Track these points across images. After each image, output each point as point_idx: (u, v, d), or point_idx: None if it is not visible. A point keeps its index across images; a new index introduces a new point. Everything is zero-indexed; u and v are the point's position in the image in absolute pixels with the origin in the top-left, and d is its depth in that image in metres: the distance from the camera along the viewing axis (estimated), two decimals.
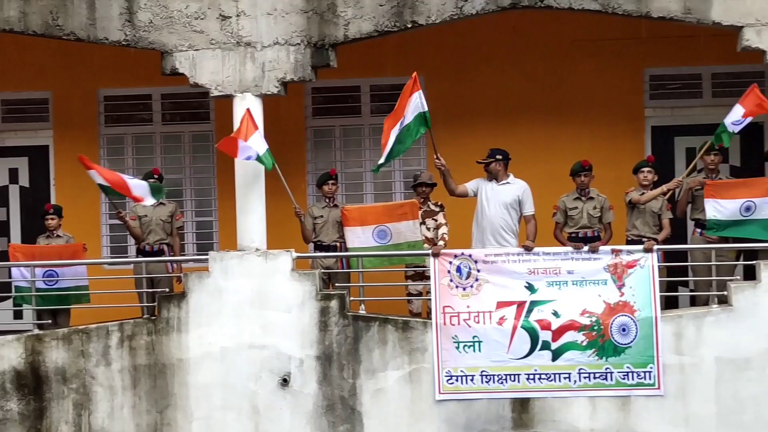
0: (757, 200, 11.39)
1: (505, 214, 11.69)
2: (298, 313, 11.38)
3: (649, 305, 11.04)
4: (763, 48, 11.07)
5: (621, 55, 13.18)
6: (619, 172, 12.16)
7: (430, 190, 12.29)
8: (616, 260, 11.17)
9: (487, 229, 11.65)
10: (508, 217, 11.71)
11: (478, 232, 11.74)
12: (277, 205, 12.62)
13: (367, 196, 13.90)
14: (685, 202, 11.97)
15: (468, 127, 13.10)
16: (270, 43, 11.53)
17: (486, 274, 11.26)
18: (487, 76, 13.47)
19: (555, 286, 11.19)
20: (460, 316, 11.20)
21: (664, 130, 13.55)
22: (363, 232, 11.89)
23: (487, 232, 11.65)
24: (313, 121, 13.98)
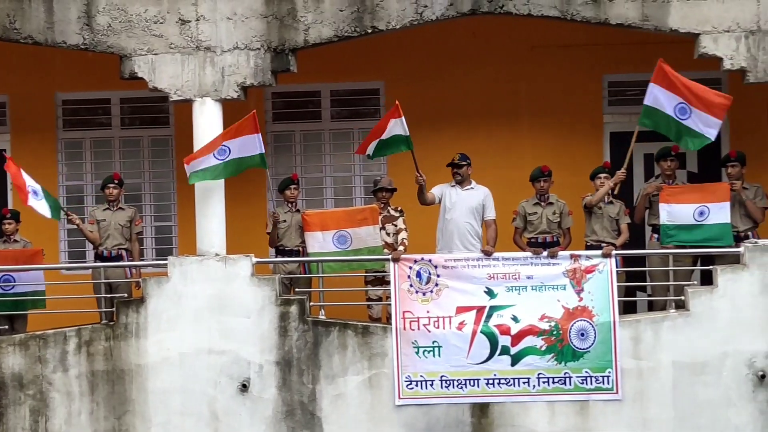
0: (710, 205, 11.50)
1: (471, 219, 11.74)
2: (257, 318, 11.36)
3: (608, 310, 11.11)
4: (719, 55, 11.18)
5: (580, 62, 13.26)
6: (578, 178, 12.23)
7: (390, 195, 12.30)
8: (574, 265, 11.24)
9: (455, 234, 11.69)
10: (474, 222, 11.76)
11: (445, 237, 11.77)
12: (238, 210, 12.62)
13: (327, 201, 13.89)
14: (643, 207, 12.06)
15: (428, 133, 13.11)
16: (230, 48, 11.51)
17: (446, 279, 11.28)
18: (447, 82, 13.50)
19: (514, 291, 11.24)
20: (420, 321, 11.22)
21: (623, 136, 13.62)
22: (323, 237, 11.89)
23: (454, 238, 11.68)
24: (273, 125, 13.95)
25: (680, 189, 11.85)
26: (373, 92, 13.88)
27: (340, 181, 13.90)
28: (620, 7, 11.26)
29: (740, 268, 11.12)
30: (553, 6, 11.31)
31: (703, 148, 13.40)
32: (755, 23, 11.11)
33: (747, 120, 12.99)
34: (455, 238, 11.69)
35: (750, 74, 11.19)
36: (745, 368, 11.00)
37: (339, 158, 13.77)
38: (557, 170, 12.04)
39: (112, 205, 12.36)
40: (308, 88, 13.79)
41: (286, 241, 12.16)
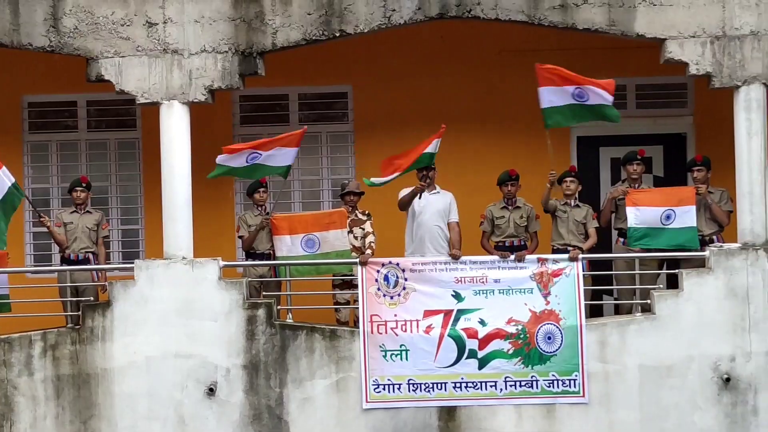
0: (677, 209, 11.58)
1: (440, 222, 11.76)
2: (224, 321, 11.33)
3: (574, 313, 11.15)
4: (685, 60, 11.26)
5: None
6: (545, 182, 12.25)
7: (358, 198, 12.30)
8: (541, 269, 11.28)
9: (426, 238, 11.70)
10: (443, 225, 11.79)
11: (415, 242, 11.76)
12: (205, 213, 12.57)
13: (295, 204, 13.87)
14: (609, 211, 12.12)
15: (396, 137, 13.12)
16: (197, 51, 11.48)
17: (413, 283, 11.30)
18: (415, 86, 13.52)
19: (482, 294, 11.26)
20: (388, 325, 11.22)
21: (590, 140, 13.70)
22: (292, 241, 11.89)
23: (425, 241, 11.69)
24: (241, 129, 13.92)
25: (646, 193, 11.92)
26: (341, 96, 13.88)
27: (308, 185, 13.89)
28: (587, 12, 11.32)
29: (705, 271, 11.19)
30: (520, 11, 11.36)
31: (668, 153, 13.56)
32: (720, 29, 11.20)
33: (712, 125, 13.07)
34: (426, 241, 11.71)
35: (715, 79, 11.27)
36: (711, 371, 11.08)
37: (307, 161, 13.76)
38: (525, 174, 12.09)
39: (79, 208, 12.29)
40: (276, 91, 13.77)
41: (257, 245, 12.13)
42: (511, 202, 11.98)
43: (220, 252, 11.83)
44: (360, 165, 13.57)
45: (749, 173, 11.20)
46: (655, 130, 13.66)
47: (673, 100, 13.73)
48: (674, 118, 13.72)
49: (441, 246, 11.69)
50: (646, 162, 12.37)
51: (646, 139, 13.38)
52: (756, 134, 11.18)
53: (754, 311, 11.04)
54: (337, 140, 13.82)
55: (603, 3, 11.30)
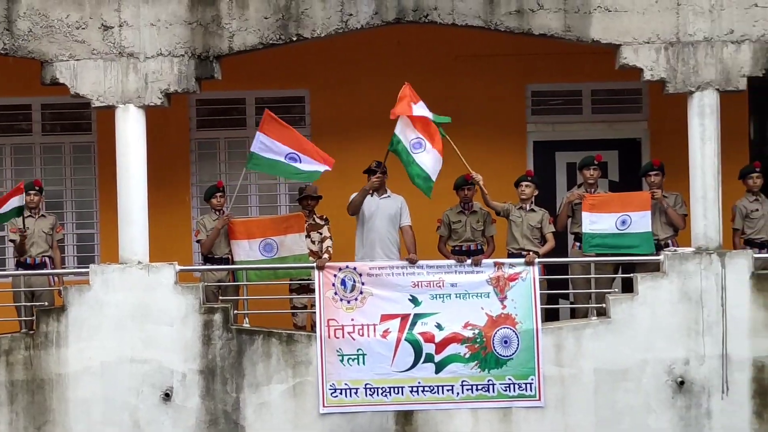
0: (632, 214, 11.65)
1: (390, 227, 11.75)
2: (180, 326, 11.28)
3: (531, 317, 11.20)
4: (640, 66, 11.34)
5: (504, 71, 13.37)
6: (502, 186, 12.30)
7: (316, 203, 12.30)
8: (498, 273, 11.31)
9: (376, 243, 11.67)
10: (393, 230, 11.77)
11: (366, 246, 11.73)
12: (161, 217, 12.52)
13: (252, 208, 13.84)
14: (565, 216, 12.17)
15: (353, 141, 13.14)
16: (153, 54, 11.42)
17: (370, 287, 11.30)
18: (372, 90, 13.50)
19: (438, 299, 11.28)
20: (345, 329, 11.22)
21: (546, 145, 13.77)
22: (249, 245, 11.85)
23: (375, 246, 11.66)
24: (197, 133, 13.88)
25: (603, 198, 11.98)
26: (299, 100, 13.87)
27: (265, 189, 13.85)
28: (543, 17, 11.38)
29: (660, 275, 11.27)
30: (477, 16, 11.39)
31: (623, 159, 13.66)
32: (674, 35, 11.30)
33: (666, 130, 13.17)
34: (377, 246, 11.68)
35: (669, 85, 11.36)
36: (665, 375, 11.16)
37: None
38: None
39: (33, 212, 12.19)
40: (233, 95, 13.74)
41: (215, 249, 12.08)
42: (468, 207, 12.01)
43: (177, 256, 11.76)
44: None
45: (703, 178, 11.30)
46: (611, 135, 13.75)
47: (628, 106, 13.82)
48: (629, 123, 13.82)
49: (391, 251, 11.69)
50: (602, 167, 12.46)
51: (601, 144, 13.46)
52: (709, 139, 11.29)
53: (707, 315, 11.14)
54: None
55: (559, 9, 11.36)
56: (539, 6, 11.35)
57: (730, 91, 11.33)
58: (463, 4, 11.35)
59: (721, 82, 11.28)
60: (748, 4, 11.25)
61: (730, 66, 11.26)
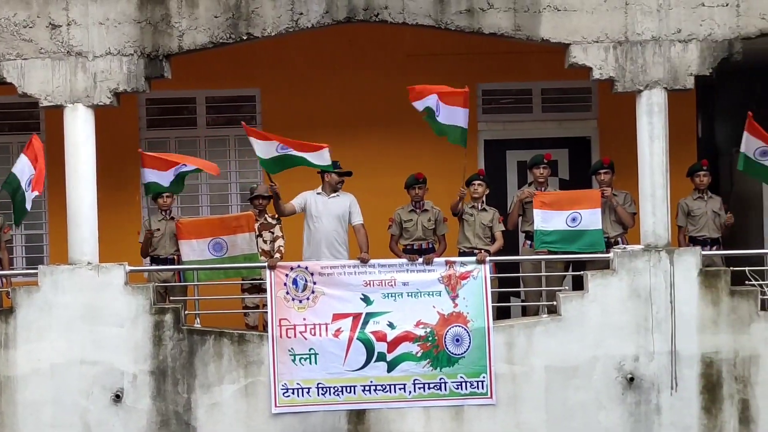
0: (582, 212, 11.72)
1: (338, 227, 11.75)
2: (131, 327, 11.21)
3: (482, 316, 11.23)
4: (589, 65, 11.41)
5: (454, 70, 13.32)
6: (452, 185, 12.32)
7: (267, 202, 12.25)
8: (449, 272, 11.34)
9: (322, 242, 11.67)
10: (341, 230, 11.78)
11: (312, 246, 11.73)
12: (111, 217, 12.44)
13: (202, 208, 13.79)
14: (516, 214, 12.23)
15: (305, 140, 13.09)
16: (102, 53, 11.34)
17: (322, 287, 11.29)
18: (323, 89, 13.52)
19: (390, 297, 11.30)
20: (297, 329, 11.20)
21: (497, 143, 13.83)
22: (198, 245, 11.80)
23: (321, 246, 11.67)
24: (147, 132, 13.82)
25: (553, 195, 12.05)
26: (249, 99, 13.84)
27: (216, 189, 13.80)
28: (493, 17, 11.42)
29: (610, 273, 11.34)
30: (427, 15, 11.41)
31: (573, 157, 13.74)
32: (623, 34, 11.38)
33: (616, 128, 13.25)
34: (323, 246, 11.68)
35: (618, 83, 11.44)
36: (615, 371, 11.23)
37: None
38: (432, 177, 12.13)
39: None
40: (183, 94, 13.69)
41: (161, 250, 12.02)
42: (419, 206, 12.02)
43: (127, 257, 11.68)
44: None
45: (651, 176, 11.38)
46: (561, 133, 13.84)
47: (577, 104, 13.91)
48: (579, 121, 13.91)
49: (338, 251, 11.69)
50: (552, 165, 12.53)
51: (551, 143, 13.55)
52: (658, 138, 11.37)
53: (656, 311, 11.22)
54: (245, 144, 13.62)
55: (509, 8, 11.40)
56: (489, 5, 11.39)
57: (678, 90, 11.41)
58: (414, 3, 11.37)
59: (669, 81, 11.37)
60: (695, 4, 11.35)
61: (677, 65, 11.35)
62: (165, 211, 12.17)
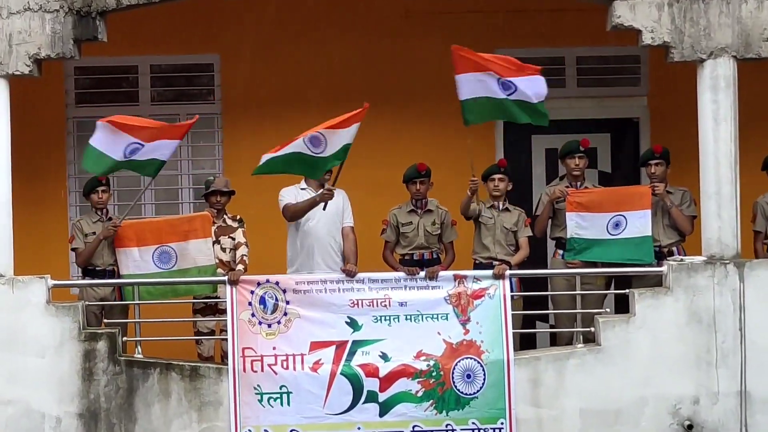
0: (628, 214, 11.69)
1: (334, 231, 11.73)
2: (54, 357, 11.18)
3: (500, 345, 11.20)
4: (637, 27, 11.37)
5: (467, 33, 13.30)
6: (464, 179, 12.28)
7: (227, 199, 12.22)
8: (459, 289, 11.31)
9: (315, 250, 11.65)
10: (337, 234, 11.77)
11: (302, 255, 11.71)
12: (30, 219, 12.45)
13: (146, 207, 13.82)
14: (545, 217, 12.17)
15: (275, 120, 13.11)
16: (19, 10, 11.29)
17: (297, 307, 11.26)
18: (299, 57, 13.53)
19: (384, 321, 11.27)
20: (264, 361, 11.18)
21: (520, 126, 13.74)
22: (140, 255, 11.80)
23: (314, 255, 11.64)
24: (76, 110, 13.87)
25: (591, 194, 12.01)
26: (206, 68, 13.89)
27: (163, 182, 13.77)
28: None
29: (663, 291, 11.33)
30: None
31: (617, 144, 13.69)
32: None
33: (671, 108, 13.28)
34: (316, 254, 11.66)
35: (674, 51, 11.40)
36: (669, 416, 11.22)
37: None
38: (438, 169, 12.09)
39: None
40: (122, 62, 13.73)
41: (96, 259, 11.98)
42: (421, 205, 11.99)
43: (50, 268, 11.66)
44: (229, 156, 13.52)
45: (716, 169, 11.35)
46: (601, 114, 13.87)
47: (622, 77, 13.93)
48: (624, 99, 13.94)
49: (335, 261, 11.69)
50: (590, 154, 12.48)
51: (589, 126, 13.57)
52: (724, 120, 11.34)
53: (722, 341, 11.21)
54: (200, 125, 13.64)
55: None
56: None
57: (750, 59, 11.40)
58: None
59: (738, 48, 11.34)
60: None
61: (750, 27, 11.33)
62: (101, 211, 12.12)
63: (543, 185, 13.20)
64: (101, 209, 12.15)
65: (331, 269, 11.60)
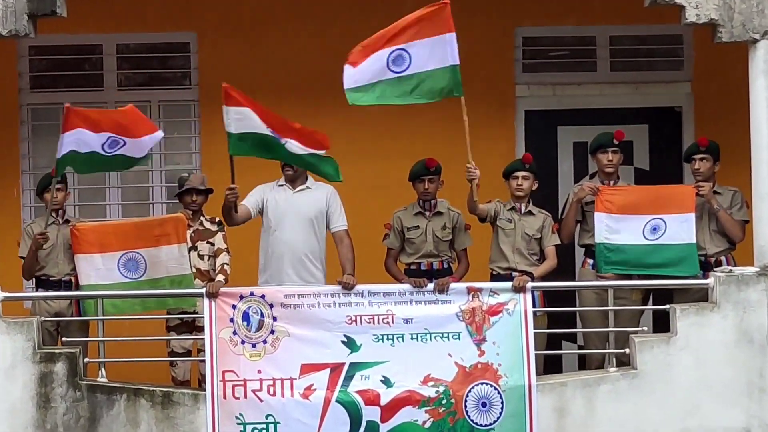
0: (668, 217, 11.67)
1: (310, 234, 11.70)
2: (5, 381, 11.21)
3: (520, 369, 11.21)
4: (679, 2, 11.38)
5: (481, 9, 13.38)
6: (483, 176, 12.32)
7: (204, 199, 12.24)
8: (473, 304, 11.32)
9: (285, 259, 11.65)
10: (315, 239, 11.75)
11: (271, 264, 11.73)
12: None
13: (111, 207, 13.84)
14: (573, 220, 12.16)
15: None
16: None
17: (286, 324, 11.27)
18: (287, 36, 13.58)
19: (386, 341, 11.29)
20: (248, 386, 11.18)
21: (543, 116, 13.84)
22: (104, 262, 11.79)
23: (284, 264, 11.64)
24: (31, 96, 13.94)
25: (625, 192, 12.00)
26: (181, 48, 13.95)
27: (131, 179, 13.79)
28: None
29: (709, 307, 11.33)
30: None
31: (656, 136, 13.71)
32: None
33: (718, 96, 13.29)
34: (285, 264, 11.66)
35: (723, 30, 11.42)
36: None
37: None
38: (450, 165, 12.09)
39: None
40: (84, 40, 13.79)
41: (51, 268, 12.00)
42: (430, 206, 12.00)
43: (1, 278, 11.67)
44: (207, 150, 13.58)
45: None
46: (638, 102, 13.91)
47: (662, 60, 13.95)
48: (664, 85, 13.98)
49: (309, 273, 11.69)
50: (624, 149, 12.48)
51: (624, 116, 13.58)
52: None
53: None
54: (174, 113, 13.82)
55: None
56: None
57: None
58: None
59: None
60: None
61: None
62: (57, 212, 12.12)
63: (570, 184, 13.20)
64: (57, 211, 12.13)
65: (303, 281, 11.60)
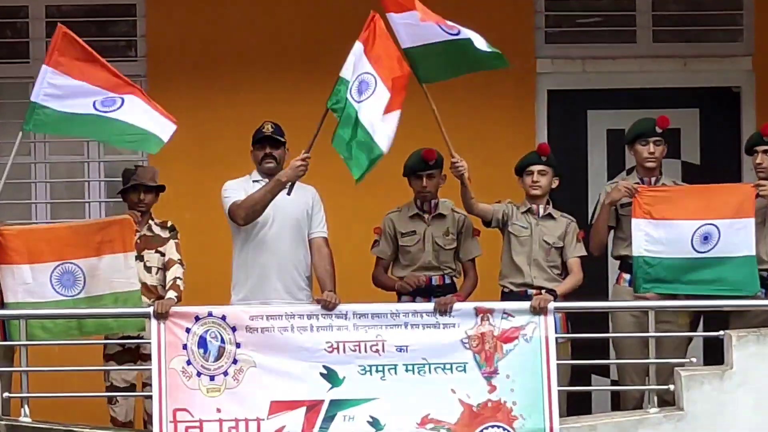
0: (721, 223, 11.70)
1: (298, 242, 11.76)
2: None
3: (540, 408, 11.25)
4: None
5: None
6: (491, 170, 12.41)
7: (154, 198, 12.30)
8: (483, 328, 11.35)
9: (272, 272, 11.69)
10: (301, 246, 11.81)
11: (253, 278, 11.75)
12: None
13: (39, 207, 13.88)
14: (604, 226, 12.18)
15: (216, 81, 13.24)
16: None
17: (252, 352, 11.30)
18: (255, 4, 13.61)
19: (375, 373, 11.33)
20: (205, 428, 11.24)
21: (569, 96, 13.89)
22: (33, 275, 11.75)
23: (272, 278, 11.68)
24: None
25: (669, 193, 12.07)
26: (124, 11, 14.09)
27: (63, 172, 13.85)
28: None
29: None
30: None
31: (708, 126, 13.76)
32: None
33: None
34: (273, 278, 11.71)
35: None
36: None
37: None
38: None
39: None
40: (6, 1, 13.91)
41: None
42: (429, 207, 12.07)
43: None
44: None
45: None
46: (686, 81, 13.96)
47: (717, 30, 14.01)
48: (719, 60, 14.03)
49: (301, 289, 11.79)
50: (669, 138, 12.53)
51: (670, 98, 13.62)
52: None
53: None
54: None
55: None
56: None
57: None
58: None
59: None
60: None
61: None
62: None
63: (602, 182, 13.25)
64: None
65: (295, 298, 11.69)
